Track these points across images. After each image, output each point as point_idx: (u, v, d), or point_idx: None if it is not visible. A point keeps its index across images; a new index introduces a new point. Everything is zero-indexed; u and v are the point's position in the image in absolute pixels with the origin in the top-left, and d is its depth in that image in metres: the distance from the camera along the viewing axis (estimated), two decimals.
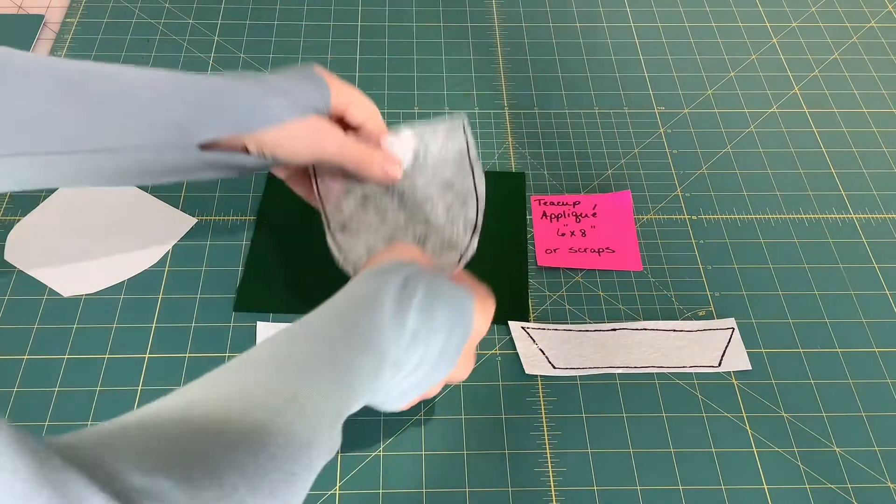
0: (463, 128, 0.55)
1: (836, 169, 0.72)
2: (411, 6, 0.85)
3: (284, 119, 0.48)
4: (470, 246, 0.52)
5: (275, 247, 0.64)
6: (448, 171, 0.55)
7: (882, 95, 0.78)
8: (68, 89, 0.43)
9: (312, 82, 0.50)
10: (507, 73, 0.79)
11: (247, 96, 0.47)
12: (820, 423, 0.56)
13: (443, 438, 0.55)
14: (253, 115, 0.47)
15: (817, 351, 0.60)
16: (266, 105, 0.47)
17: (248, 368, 0.37)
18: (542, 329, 0.60)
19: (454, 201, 0.54)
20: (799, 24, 0.85)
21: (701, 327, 0.60)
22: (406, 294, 0.42)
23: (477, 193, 0.54)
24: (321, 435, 0.36)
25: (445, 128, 0.56)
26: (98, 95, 0.44)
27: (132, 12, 0.82)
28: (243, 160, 0.49)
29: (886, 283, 0.64)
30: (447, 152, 0.55)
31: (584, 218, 0.67)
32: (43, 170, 0.44)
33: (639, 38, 0.83)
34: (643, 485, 0.53)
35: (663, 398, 0.57)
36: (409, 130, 0.55)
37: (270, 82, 0.49)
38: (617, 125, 0.74)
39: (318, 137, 0.50)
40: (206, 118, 0.46)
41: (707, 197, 0.69)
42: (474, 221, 0.53)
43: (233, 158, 0.48)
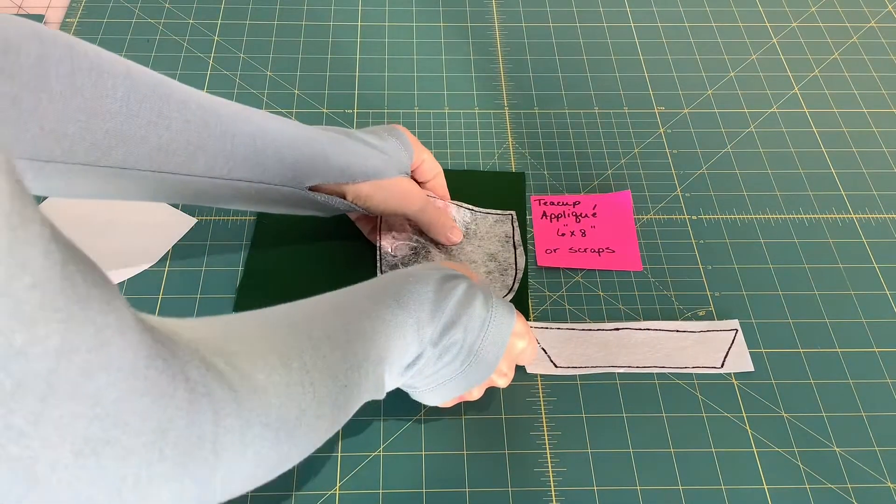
0: (511, 219, 0.66)
1: (836, 169, 0.72)
2: (411, 6, 0.85)
3: (383, 176, 0.57)
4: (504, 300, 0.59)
5: (275, 247, 0.64)
6: (493, 246, 0.64)
7: (882, 95, 0.78)
8: (224, 128, 0.51)
9: (400, 141, 0.59)
10: (507, 73, 0.79)
11: (354, 154, 0.56)
12: (820, 423, 0.56)
13: (443, 438, 0.55)
14: (356, 170, 0.56)
15: (817, 351, 0.60)
16: (368, 163, 0.56)
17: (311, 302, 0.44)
18: (544, 328, 0.60)
19: (495, 269, 0.63)
20: (799, 24, 0.85)
21: (704, 328, 0.60)
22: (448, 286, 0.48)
23: (517, 266, 0.63)
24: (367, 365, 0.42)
25: (497, 216, 0.66)
26: (241, 136, 0.51)
27: (132, 12, 0.82)
28: (339, 203, 0.57)
29: (886, 283, 0.64)
30: (494, 234, 0.65)
31: (584, 218, 0.67)
32: (179, 188, 0.51)
33: (639, 38, 0.83)
34: (643, 485, 0.53)
35: (663, 398, 0.57)
36: (468, 209, 0.66)
37: (372, 143, 0.57)
38: (617, 125, 0.74)
39: (405, 196, 0.59)
40: (321, 167, 0.55)
41: (707, 197, 0.69)
42: (510, 286, 0.62)
43: (330, 201, 0.57)
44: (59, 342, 0.23)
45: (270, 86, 0.76)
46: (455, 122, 0.74)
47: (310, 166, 0.54)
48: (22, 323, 0.22)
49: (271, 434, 0.34)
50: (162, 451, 0.28)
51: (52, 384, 0.23)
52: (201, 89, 0.75)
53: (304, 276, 0.62)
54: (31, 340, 0.22)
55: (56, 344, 0.23)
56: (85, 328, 0.24)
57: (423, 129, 0.73)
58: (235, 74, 0.77)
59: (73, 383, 0.24)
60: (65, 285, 0.24)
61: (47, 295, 0.23)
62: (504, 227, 0.65)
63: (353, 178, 0.56)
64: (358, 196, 0.57)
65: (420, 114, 0.74)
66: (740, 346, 0.59)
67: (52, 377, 0.23)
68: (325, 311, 0.43)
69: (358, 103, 0.75)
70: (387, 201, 0.58)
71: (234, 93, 0.75)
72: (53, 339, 0.23)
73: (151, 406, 0.27)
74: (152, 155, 0.48)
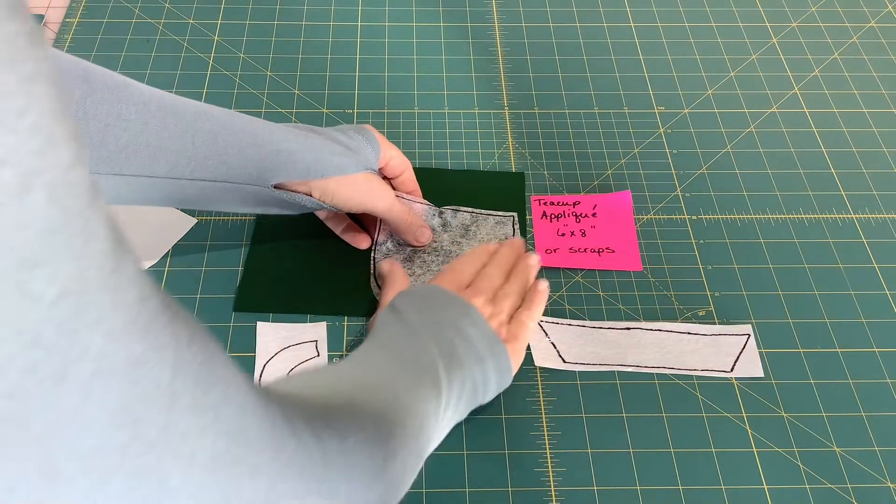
0: (513, 221, 0.66)
1: (836, 169, 0.72)
2: (411, 6, 0.85)
3: (347, 171, 0.57)
4: None
5: (275, 247, 0.64)
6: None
7: (882, 95, 0.78)
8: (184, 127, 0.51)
9: (367, 138, 0.59)
10: (507, 73, 0.79)
11: (318, 150, 0.56)
12: (820, 423, 0.56)
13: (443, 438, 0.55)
14: (321, 166, 0.56)
15: (817, 351, 0.60)
16: (333, 159, 0.56)
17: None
18: (555, 323, 0.60)
19: None
20: (799, 24, 0.85)
21: (716, 332, 0.60)
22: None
23: None
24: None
25: (498, 218, 0.66)
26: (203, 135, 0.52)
27: (132, 12, 0.82)
28: (305, 201, 0.57)
29: (886, 283, 0.64)
30: (495, 235, 0.65)
31: (584, 218, 0.67)
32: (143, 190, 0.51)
33: (639, 38, 0.83)
34: (643, 485, 0.53)
35: (663, 398, 0.57)
36: (468, 211, 0.66)
37: (338, 139, 0.58)
38: (617, 125, 0.74)
39: (371, 192, 0.59)
40: (285, 164, 0.55)
41: (707, 197, 0.69)
42: None
43: (297, 198, 0.56)
44: (173, 355, 0.24)
45: (270, 86, 0.76)
46: (455, 122, 0.74)
47: (274, 164, 0.54)
48: (139, 332, 0.22)
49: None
50: (283, 473, 0.29)
51: (174, 395, 0.24)
52: (201, 89, 0.75)
53: (304, 276, 0.62)
54: (149, 349, 0.23)
55: (171, 356, 0.24)
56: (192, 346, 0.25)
57: (423, 129, 0.73)
58: (235, 74, 0.77)
59: (192, 395, 0.24)
60: (169, 302, 0.25)
61: (157, 308, 0.23)
62: (505, 229, 0.65)
63: (318, 175, 0.56)
64: (324, 193, 0.57)
65: (420, 114, 0.74)
66: (751, 351, 0.59)
67: (172, 388, 0.23)
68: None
69: (358, 103, 0.75)
70: (352, 197, 0.58)
71: (234, 93, 0.75)
72: (168, 351, 0.23)
73: (272, 428, 0.29)
74: (112, 158, 0.48)
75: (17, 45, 0.18)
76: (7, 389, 0.19)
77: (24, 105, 0.18)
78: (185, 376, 0.24)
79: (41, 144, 0.19)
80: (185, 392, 0.24)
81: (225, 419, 0.26)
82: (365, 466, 0.36)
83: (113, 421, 0.22)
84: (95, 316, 0.21)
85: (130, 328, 0.22)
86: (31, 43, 0.19)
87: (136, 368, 0.22)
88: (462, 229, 0.65)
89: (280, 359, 0.58)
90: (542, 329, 0.60)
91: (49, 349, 0.20)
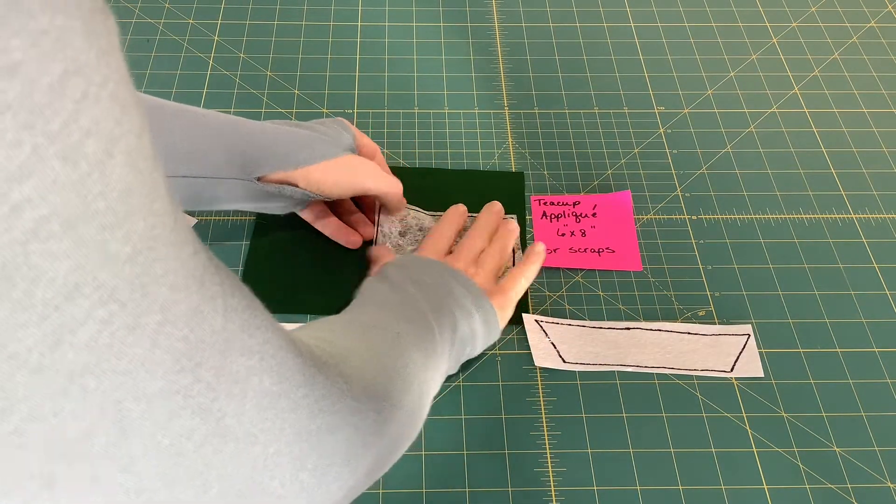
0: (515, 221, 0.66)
1: (836, 169, 0.72)
2: (411, 6, 0.85)
3: (328, 156, 0.57)
4: None
5: (275, 247, 0.64)
6: None
7: (882, 95, 0.78)
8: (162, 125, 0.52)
9: (341, 126, 0.61)
10: (507, 73, 0.79)
11: (298, 139, 0.57)
12: (820, 423, 0.56)
13: (443, 438, 0.55)
14: (303, 154, 0.57)
15: (817, 351, 0.60)
16: (313, 146, 0.57)
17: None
18: (555, 323, 0.60)
19: None
20: (799, 24, 0.85)
21: (716, 332, 0.60)
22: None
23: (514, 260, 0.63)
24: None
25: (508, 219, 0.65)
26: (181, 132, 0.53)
27: (132, 12, 0.82)
28: (291, 192, 0.57)
29: (886, 283, 0.64)
30: None
31: (584, 218, 0.67)
32: None
33: (639, 38, 0.83)
34: (643, 485, 0.53)
35: (663, 398, 0.57)
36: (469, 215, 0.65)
37: (316, 128, 0.59)
38: (617, 125, 0.74)
39: (356, 171, 0.59)
40: (267, 155, 0.55)
41: (707, 197, 0.69)
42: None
43: (283, 190, 0.57)
44: (222, 303, 0.25)
45: (270, 86, 0.76)
46: (455, 122, 0.74)
47: (255, 156, 0.55)
48: (196, 284, 0.24)
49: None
50: (316, 407, 0.31)
51: (226, 340, 0.25)
52: (201, 89, 0.75)
53: (303, 276, 0.62)
54: (204, 299, 0.24)
55: (221, 305, 0.25)
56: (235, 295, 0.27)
57: (423, 129, 0.73)
58: (235, 74, 0.77)
59: (240, 339, 0.26)
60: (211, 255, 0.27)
61: (206, 261, 0.25)
62: None
63: (300, 163, 0.56)
64: (309, 181, 0.57)
65: (420, 114, 0.74)
66: (751, 351, 0.59)
67: (225, 334, 0.25)
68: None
69: (358, 103, 0.75)
70: (339, 181, 0.58)
71: (234, 93, 0.75)
72: (218, 300, 0.25)
73: (304, 366, 0.31)
74: None
75: (95, 20, 0.19)
76: (87, 340, 0.20)
77: (105, 76, 0.19)
78: (234, 322, 0.26)
79: (118, 113, 0.20)
80: (235, 337, 0.26)
81: (269, 358, 0.28)
82: (381, 397, 0.38)
83: (175, 365, 0.23)
84: (162, 270, 0.22)
85: (189, 280, 0.23)
86: (103, 16, 0.20)
87: (195, 317, 0.24)
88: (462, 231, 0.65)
89: None
90: (542, 329, 0.60)
91: (123, 303, 0.21)
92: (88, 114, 0.19)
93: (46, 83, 0.17)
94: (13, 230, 0.18)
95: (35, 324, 0.19)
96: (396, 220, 0.65)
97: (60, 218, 0.18)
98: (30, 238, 0.18)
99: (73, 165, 0.18)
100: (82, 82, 0.18)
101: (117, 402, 0.22)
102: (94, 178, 0.19)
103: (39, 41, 0.17)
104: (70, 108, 0.18)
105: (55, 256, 0.19)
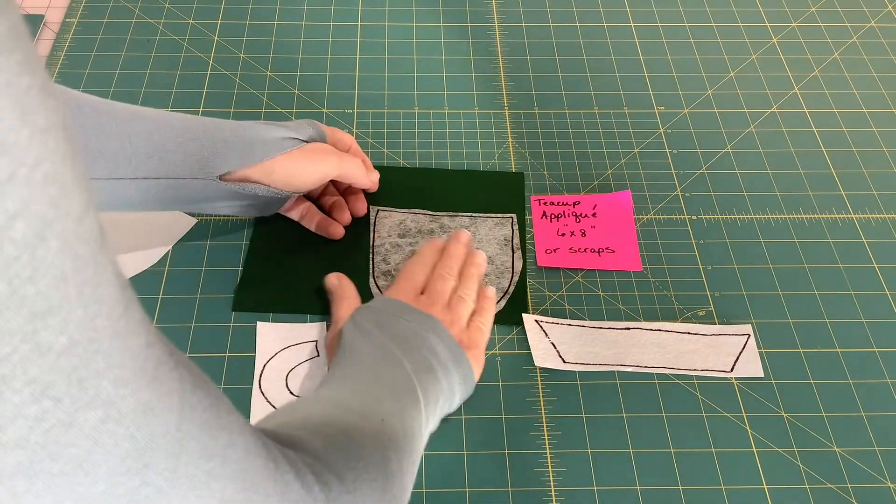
0: (511, 222, 0.66)
1: (836, 169, 0.72)
2: (411, 6, 0.85)
3: (285, 148, 0.57)
4: (498, 305, 0.61)
5: (274, 247, 0.64)
6: (491, 249, 0.64)
7: (882, 95, 0.78)
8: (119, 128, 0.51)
9: (309, 123, 0.61)
10: (507, 73, 0.79)
11: (254, 135, 0.56)
12: (820, 423, 0.56)
13: (443, 438, 0.55)
14: (259, 148, 0.56)
15: (817, 351, 0.60)
16: (271, 139, 0.57)
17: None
18: (555, 323, 0.60)
19: (492, 272, 0.63)
20: (799, 24, 0.85)
21: (716, 332, 0.60)
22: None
23: (513, 270, 0.63)
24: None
25: (497, 219, 0.66)
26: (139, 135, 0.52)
27: (132, 12, 0.82)
28: (255, 189, 0.56)
29: (886, 283, 0.64)
30: (493, 237, 0.65)
31: (584, 218, 0.67)
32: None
33: (639, 38, 0.83)
34: (643, 485, 0.53)
35: (663, 398, 0.57)
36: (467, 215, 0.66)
37: (275, 123, 0.58)
38: (617, 125, 0.74)
39: (318, 156, 0.59)
40: (227, 152, 0.55)
41: (707, 197, 0.69)
42: (506, 289, 0.62)
43: (246, 188, 0.56)
44: (179, 401, 0.24)
45: (270, 86, 0.76)
46: (455, 122, 0.74)
47: (213, 153, 0.54)
48: (146, 379, 0.22)
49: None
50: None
51: (181, 440, 0.23)
52: (201, 89, 0.75)
53: (303, 276, 0.62)
54: (155, 395, 0.23)
55: (177, 402, 0.23)
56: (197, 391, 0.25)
57: (423, 129, 0.73)
58: (235, 74, 0.77)
59: (198, 441, 0.24)
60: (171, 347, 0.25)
61: (162, 354, 0.23)
62: (503, 231, 0.65)
63: (257, 159, 0.56)
64: (271, 177, 0.56)
65: (420, 114, 0.74)
66: (751, 351, 0.59)
67: (180, 434, 0.23)
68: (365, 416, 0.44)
69: (358, 103, 0.75)
70: (303, 170, 0.58)
71: (234, 93, 0.75)
72: (174, 397, 0.23)
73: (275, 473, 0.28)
74: None
75: (31, 99, 0.18)
76: (17, 439, 0.19)
77: (38, 157, 0.18)
78: (192, 422, 0.24)
79: (54, 195, 0.19)
80: (192, 438, 0.24)
81: (232, 463, 0.26)
82: (367, 498, 0.36)
83: (121, 467, 0.22)
84: (104, 363, 0.21)
85: (138, 375, 0.22)
86: (44, 94, 0.19)
87: (144, 415, 0.22)
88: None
89: (280, 359, 0.58)
90: (542, 329, 0.60)
91: (58, 399, 0.19)
92: (15, 196, 0.17)
93: None
94: None
95: None
96: (395, 222, 0.65)
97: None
98: None
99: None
100: (8, 163, 0.17)
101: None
102: (22, 262, 0.18)
103: None
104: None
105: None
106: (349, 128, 0.73)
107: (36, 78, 0.18)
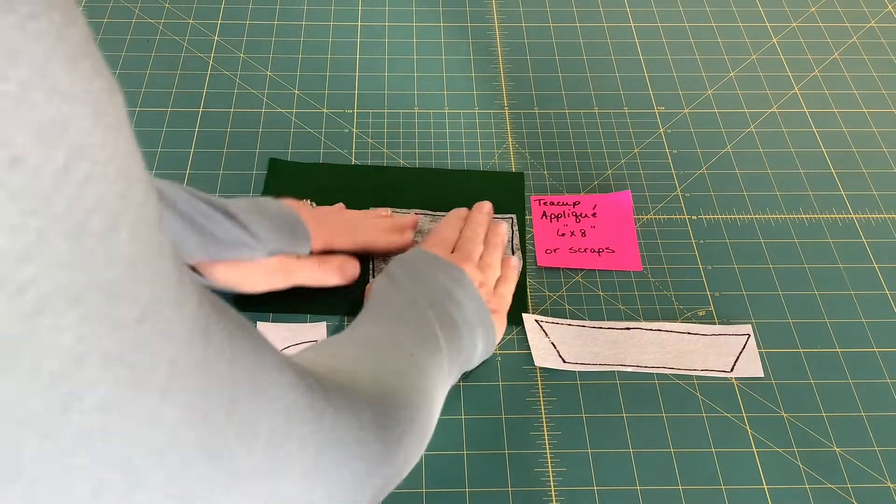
0: (511, 223, 0.66)
1: (836, 169, 0.72)
2: (411, 6, 0.85)
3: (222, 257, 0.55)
4: None
5: None
6: None
7: (882, 95, 0.78)
8: None
9: (293, 232, 0.57)
10: (507, 73, 0.79)
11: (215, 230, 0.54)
12: (820, 423, 0.56)
13: (443, 438, 0.55)
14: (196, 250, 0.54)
15: (817, 351, 0.60)
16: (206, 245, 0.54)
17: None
18: (555, 323, 0.60)
19: None
20: (799, 24, 0.85)
21: (716, 332, 0.60)
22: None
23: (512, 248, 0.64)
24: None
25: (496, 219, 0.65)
26: None
27: (132, 12, 0.82)
28: (208, 283, 0.55)
29: (886, 283, 0.64)
30: None
31: (584, 218, 0.67)
32: None
33: (639, 38, 0.83)
34: (643, 485, 0.53)
35: (663, 398, 0.57)
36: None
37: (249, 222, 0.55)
38: (617, 125, 0.74)
39: (273, 274, 0.57)
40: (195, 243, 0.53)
41: (707, 197, 0.69)
42: None
43: (205, 282, 0.54)
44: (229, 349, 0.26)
45: (270, 86, 0.76)
46: (455, 122, 0.74)
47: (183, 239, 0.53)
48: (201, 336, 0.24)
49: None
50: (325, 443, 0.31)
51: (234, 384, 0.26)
52: (201, 89, 0.75)
53: None
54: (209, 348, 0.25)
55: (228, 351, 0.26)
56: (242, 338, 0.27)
57: (423, 129, 0.73)
58: (235, 74, 0.77)
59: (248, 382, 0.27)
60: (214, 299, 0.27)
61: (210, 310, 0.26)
62: None
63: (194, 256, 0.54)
64: (213, 276, 0.55)
65: (420, 114, 0.74)
66: (751, 351, 0.59)
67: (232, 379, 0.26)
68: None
69: (358, 103, 0.75)
70: (255, 279, 0.57)
71: (234, 93, 0.75)
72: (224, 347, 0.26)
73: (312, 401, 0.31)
74: None
75: (101, 100, 0.19)
76: (94, 405, 0.20)
77: (110, 155, 0.19)
78: (241, 367, 0.26)
79: (123, 187, 0.20)
80: (242, 380, 0.26)
81: (276, 398, 0.28)
82: (397, 424, 0.39)
83: (185, 416, 0.24)
84: (167, 328, 0.22)
85: (194, 334, 0.24)
86: (110, 93, 0.20)
87: (202, 368, 0.24)
88: None
89: None
90: (542, 329, 0.60)
91: (131, 365, 0.21)
92: (92, 193, 0.19)
93: (50, 170, 0.18)
94: (18, 307, 0.18)
95: (42, 392, 0.19)
96: None
97: (65, 294, 0.19)
98: (34, 314, 0.18)
99: (76, 243, 0.19)
100: (87, 165, 0.19)
101: (126, 459, 0.22)
102: (98, 253, 0.19)
103: (44, 132, 0.17)
104: (74, 191, 0.18)
105: (61, 329, 0.19)
106: (349, 127, 0.73)
107: (104, 79, 0.20)
